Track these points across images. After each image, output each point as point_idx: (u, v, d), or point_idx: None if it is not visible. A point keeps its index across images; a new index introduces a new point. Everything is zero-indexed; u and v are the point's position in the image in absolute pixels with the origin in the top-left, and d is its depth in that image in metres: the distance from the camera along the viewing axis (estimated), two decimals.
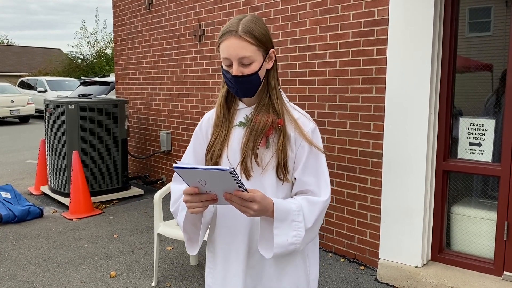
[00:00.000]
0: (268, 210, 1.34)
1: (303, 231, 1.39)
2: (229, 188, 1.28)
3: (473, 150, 3.25)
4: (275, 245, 1.36)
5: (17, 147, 10.49)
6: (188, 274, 3.64)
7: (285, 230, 1.37)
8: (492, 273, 3.18)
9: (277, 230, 1.36)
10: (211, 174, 1.24)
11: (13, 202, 5.16)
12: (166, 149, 6.00)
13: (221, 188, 1.29)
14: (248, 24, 1.41)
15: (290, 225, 1.38)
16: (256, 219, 1.47)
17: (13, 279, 3.51)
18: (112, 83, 9.30)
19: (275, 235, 1.36)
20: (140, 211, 5.31)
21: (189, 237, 1.56)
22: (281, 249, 1.37)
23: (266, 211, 1.34)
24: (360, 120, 3.69)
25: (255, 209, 1.30)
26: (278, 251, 1.37)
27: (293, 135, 1.47)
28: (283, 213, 1.36)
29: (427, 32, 3.17)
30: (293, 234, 1.38)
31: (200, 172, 1.25)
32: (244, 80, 1.43)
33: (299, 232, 1.38)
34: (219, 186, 1.29)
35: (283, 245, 1.37)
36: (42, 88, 18.32)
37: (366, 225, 3.73)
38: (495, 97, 3.19)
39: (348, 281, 3.49)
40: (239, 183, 1.25)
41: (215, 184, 1.28)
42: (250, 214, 1.32)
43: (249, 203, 1.29)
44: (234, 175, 1.21)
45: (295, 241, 1.38)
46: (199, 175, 1.26)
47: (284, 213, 1.37)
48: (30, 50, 36.35)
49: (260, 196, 1.31)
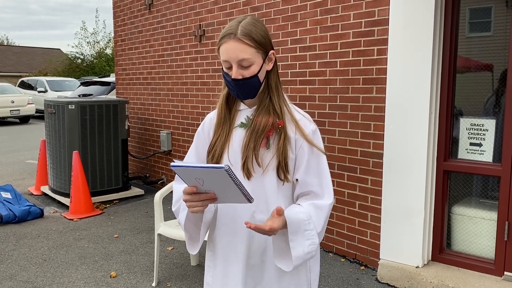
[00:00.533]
0: (284, 226, 1.38)
1: (316, 238, 1.42)
2: (227, 186, 1.28)
3: (473, 150, 3.25)
4: (294, 258, 1.39)
5: (18, 147, 10.49)
6: (189, 274, 3.64)
7: (300, 241, 1.40)
8: (492, 273, 3.18)
9: (293, 242, 1.39)
10: (208, 172, 1.25)
11: (13, 202, 5.16)
12: (166, 149, 6.00)
13: (219, 187, 1.30)
14: (247, 27, 1.43)
15: (304, 235, 1.40)
16: (256, 219, 1.48)
17: (14, 279, 3.51)
18: (112, 83, 9.30)
19: (292, 248, 1.39)
20: (141, 211, 5.31)
21: (190, 236, 1.57)
22: (299, 260, 1.40)
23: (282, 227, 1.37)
24: (361, 120, 3.69)
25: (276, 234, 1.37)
26: (298, 263, 1.41)
27: (294, 136, 1.48)
28: (295, 225, 1.39)
29: (427, 32, 3.17)
30: (308, 243, 1.40)
31: (197, 171, 1.26)
32: (244, 83, 1.45)
33: (313, 240, 1.41)
34: (217, 184, 1.29)
35: (300, 256, 1.40)
36: (43, 88, 18.32)
37: (366, 225, 3.73)
38: (495, 97, 3.19)
39: (348, 281, 3.49)
40: (236, 182, 1.25)
41: (212, 182, 1.29)
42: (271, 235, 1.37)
43: (270, 232, 1.33)
44: (230, 173, 1.22)
45: (311, 249, 1.41)
46: (196, 173, 1.27)
47: (296, 225, 1.39)
48: (30, 50, 36.36)
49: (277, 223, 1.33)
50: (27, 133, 13.65)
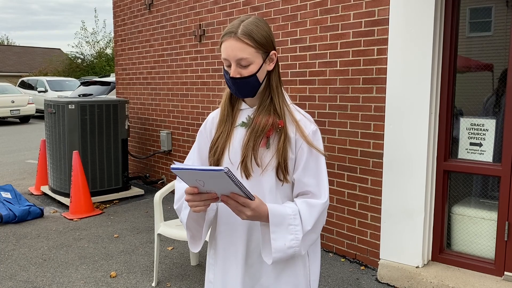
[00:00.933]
0: (263, 216, 1.37)
1: (300, 234, 1.40)
2: (228, 187, 1.28)
3: (473, 150, 3.25)
4: (274, 250, 1.38)
5: (18, 147, 10.49)
6: (189, 274, 3.64)
7: (282, 234, 1.39)
8: (492, 273, 3.18)
9: (274, 234, 1.38)
10: (208, 174, 1.25)
11: (13, 202, 5.16)
12: (166, 149, 6.00)
13: (220, 188, 1.30)
14: (248, 26, 1.43)
15: (287, 229, 1.39)
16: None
17: (14, 279, 3.51)
18: (112, 83, 9.30)
19: (273, 239, 1.38)
20: (141, 211, 5.31)
21: (192, 234, 1.58)
22: (280, 254, 1.39)
23: (260, 217, 1.36)
24: (361, 120, 3.69)
25: (248, 215, 1.34)
26: (277, 256, 1.39)
27: (294, 136, 1.48)
28: (278, 217, 1.39)
29: (427, 32, 3.17)
30: (290, 237, 1.39)
31: (197, 173, 1.26)
32: (241, 82, 1.46)
33: (296, 235, 1.40)
34: (217, 186, 1.29)
35: (281, 249, 1.39)
36: (43, 88, 18.33)
37: (366, 225, 3.73)
38: (496, 97, 3.18)
39: (348, 281, 3.49)
40: (236, 183, 1.25)
41: (213, 184, 1.29)
42: (243, 218, 1.35)
43: (243, 207, 1.33)
44: (230, 175, 1.21)
45: (293, 244, 1.40)
46: (196, 175, 1.27)
47: (280, 218, 1.39)
48: (30, 50, 36.37)
49: (256, 203, 1.34)
50: (27, 133, 13.66)
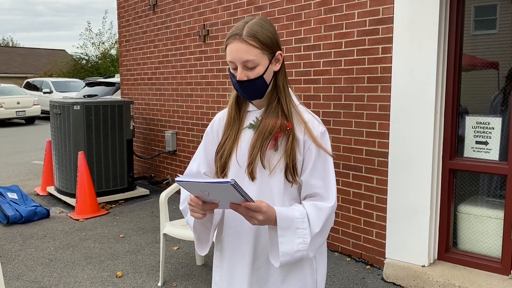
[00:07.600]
0: (272, 219, 1.36)
1: (308, 238, 1.39)
2: (233, 197, 1.28)
3: (479, 149, 3.24)
4: (281, 253, 1.38)
5: (23, 148, 10.55)
6: (194, 274, 3.64)
7: (290, 238, 1.38)
8: (499, 272, 3.16)
9: (281, 238, 1.38)
10: (214, 187, 1.25)
11: (19, 203, 5.19)
12: (171, 149, 6.01)
13: (225, 197, 1.30)
14: (253, 28, 1.42)
15: (295, 233, 1.39)
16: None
17: (21, 279, 3.53)
18: (117, 84, 9.34)
19: (280, 243, 1.37)
20: (146, 211, 5.33)
21: (199, 236, 1.57)
22: (287, 257, 1.38)
23: (270, 220, 1.36)
24: (366, 119, 3.68)
25: (260, 219, 1.33)
26: (285, 259, 1.38)
27: (302, 137, 1.47)
28: (286, 221, 1.38)
29: (432, 31, 3.16)
30: (298, 241, 1.39)
31: (202, 185, 1.26)
32: (249, 84, 1.44)
33: (304, 239, 1.39)
34: (223, 196, 1.29)
35: (289, 253, 1.38)
36: (48, 89, 18.42)
37: (372, 224, 3.72)
38: (502, 95, 3.17)
39: (354, 280, 3.48)
40: (242, 194, 1.25)
41: (218, 194, 1.29)
42: (255, 223, 1.34)
43: (255, 213, 1.32)
44: (237, 186, 1.21)
45: (301, 248, 1.39)
46: (201, 187, 1.27)
47: (288, 221, 1.38)
48: (35, 52, 36.55)
49: (265, 206, 1.33)
50: (32, 134, 13.72)
